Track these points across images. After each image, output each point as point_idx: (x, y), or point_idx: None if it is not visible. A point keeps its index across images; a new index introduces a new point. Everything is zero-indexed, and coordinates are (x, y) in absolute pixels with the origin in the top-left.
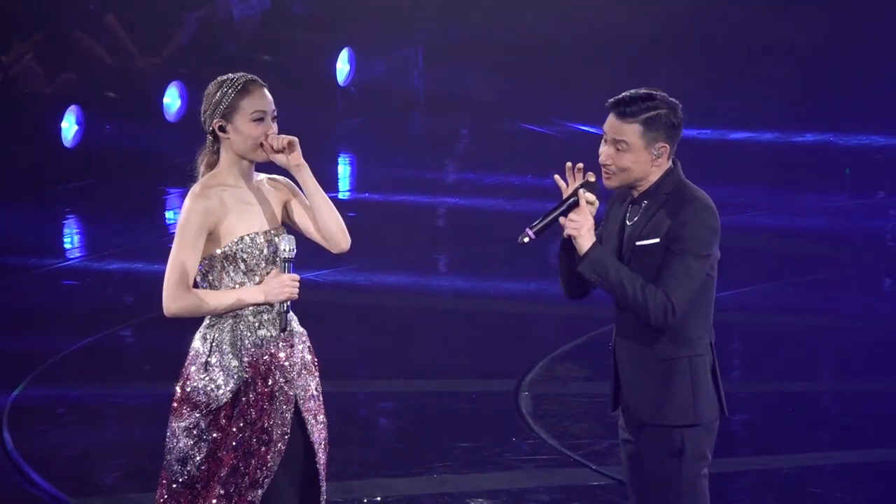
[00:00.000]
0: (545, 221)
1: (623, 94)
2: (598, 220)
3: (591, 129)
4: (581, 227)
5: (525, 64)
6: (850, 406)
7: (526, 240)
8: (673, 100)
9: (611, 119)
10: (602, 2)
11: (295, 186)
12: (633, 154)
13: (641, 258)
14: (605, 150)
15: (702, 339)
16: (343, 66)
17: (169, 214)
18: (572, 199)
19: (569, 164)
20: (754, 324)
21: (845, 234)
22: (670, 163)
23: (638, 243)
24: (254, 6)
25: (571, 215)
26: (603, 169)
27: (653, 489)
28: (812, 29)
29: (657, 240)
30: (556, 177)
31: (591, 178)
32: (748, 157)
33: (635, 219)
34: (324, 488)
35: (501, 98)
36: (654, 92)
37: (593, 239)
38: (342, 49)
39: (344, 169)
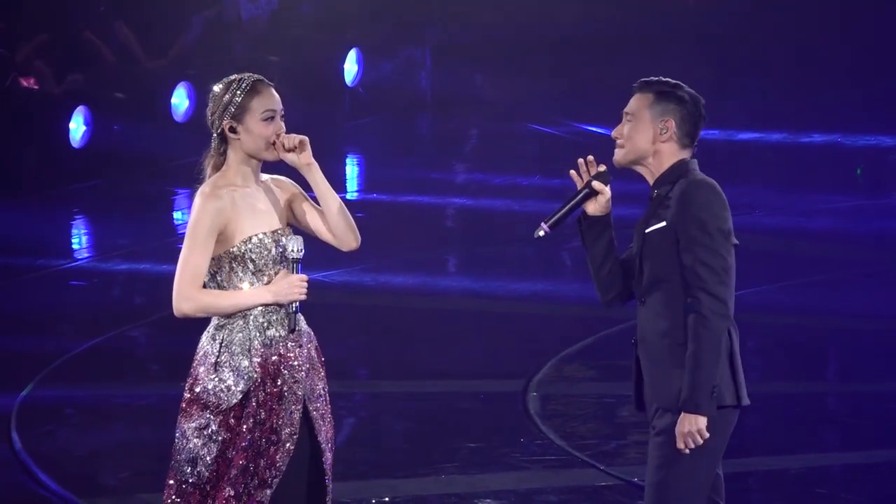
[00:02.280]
0: (559, 215)
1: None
2: (618, 218)
3: (599, 130)
4: (691, 436)
5: (532, 64)
6: (857, 407)
7: (541, 233)
8: (699, 97)
9: (632, 98)
10: (610, 1)
11: (298, 186)
12: (639, 123)
13: (652, 245)
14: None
15: None
16: (351, 67)
17: (177, 215)
18: (585, 191)
19: (581, 159)
20: (762, 324)
21: (853, 235)
22: (683, 153)
23: (647, 230)
24: (262, 6)
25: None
26: (616, 144)
27: (659, 469)
28: (820, 29)
29: (664, 223)
30: (572, 172)
31: (602, 168)
32: (756, 157)
33: (646, 210)
34: (330, 488)
35: (509, 98)
36: (679, 83)
37: (694, 413)
38: (350, 50)
39: (352, 169)
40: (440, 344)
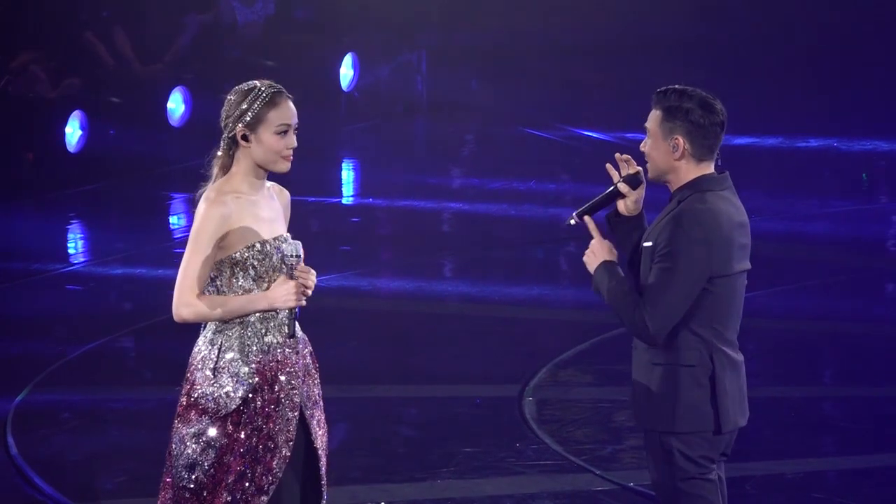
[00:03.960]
0: (588, 206)
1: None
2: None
3: (594, 134)
4: (589, 254)
5: (529, 69)
6: (853, 411)
7: (572, 222)
8: (714, 103)
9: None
10: (606, 6)
11: (289, 210)
12: (655, 141)
13: (644, 260)
14: None
15: (693, 350)
16: (347, 72)
17: (173, 219)
18: (612, 189)
19: (618, 154)
20: (757, 329)
21: (848, 240)
22: (703, 166)
23: (643, 244)
24: (257, 11)
25: (592, 244)
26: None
27: (654, 490)
28: (817, 32)
29: (651, 243)
30: (608, 165)
31: (634, 171)
32: (751, 162)
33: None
34: (325, 494)
35: (505, 103)
36: (694, 90)
37: (601, 260)
38: (346, 54)
39: (348, 174)
40: (436, 348)
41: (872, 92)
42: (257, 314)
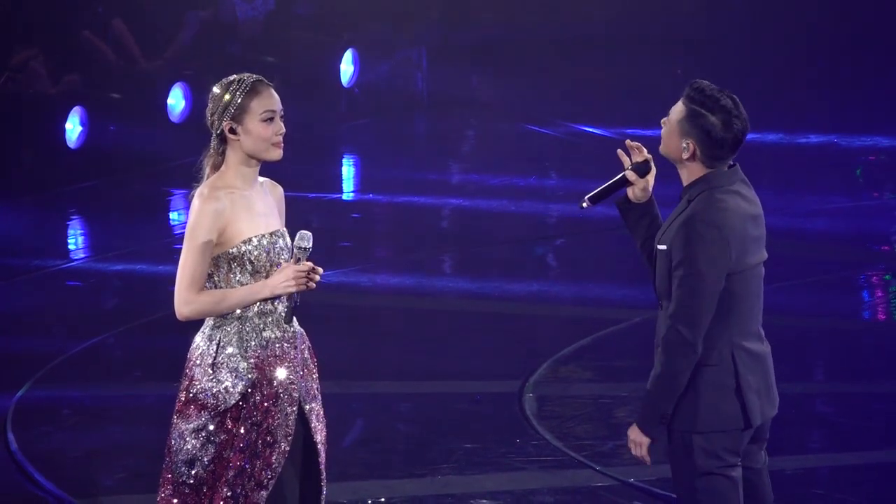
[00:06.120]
0: (598, 191)
1: (706, 82)
2: (664, 216)
3: (594, 130)
4: (634, 446)
5: (529, 65)
6: (852, 407)
7: (584, 205)
8: (733, 121)
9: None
10: (607, 2)
11: (283, 203)
12: (671, 131)
13: (658, 260)
14: None
15: (713, 350)
16: (347, 68)
17: (173, 215)
18: (621, 176)
19: (629, 140)
20: None
21: (848, 236)
22: (713, 168)
23: (658, 246)
24: (257, 7)
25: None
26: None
27: (674, 490)
28: (817, 29)
29: (665, 247)
30: (619, 151)
31: (641, 158)
32: (752, 158)
33: (670, 215)
34: (324, 488)
35: (505, 99)
36: (725, 100)
37: (640, 430)
38: (346, 50)
39: (348, 170)
40: (436, 345)
41: (873, 87)
42: (256, 309)
